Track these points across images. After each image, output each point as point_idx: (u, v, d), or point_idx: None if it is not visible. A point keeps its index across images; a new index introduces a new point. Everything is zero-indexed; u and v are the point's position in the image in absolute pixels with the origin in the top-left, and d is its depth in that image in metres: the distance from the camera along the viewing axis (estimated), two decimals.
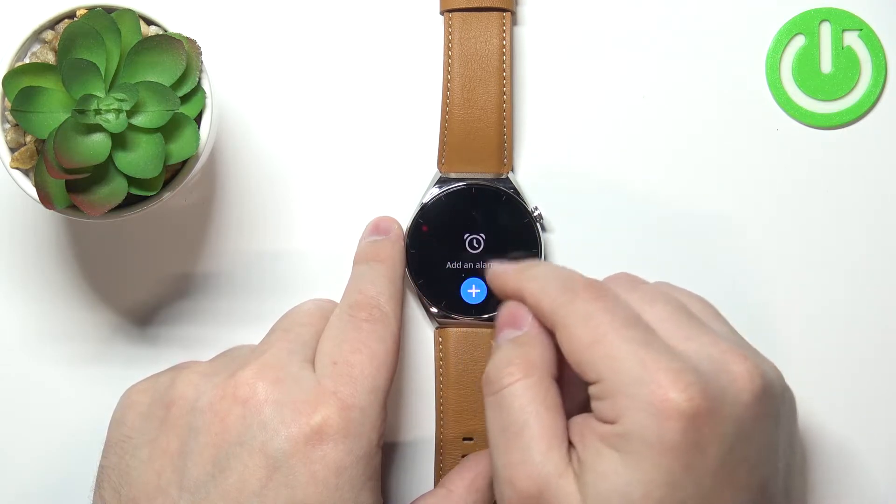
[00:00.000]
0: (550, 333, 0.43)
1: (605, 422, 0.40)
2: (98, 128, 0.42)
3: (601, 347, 0.40)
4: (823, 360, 0.50)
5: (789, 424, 0.43)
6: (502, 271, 0.45)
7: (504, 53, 0.50)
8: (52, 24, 0.44)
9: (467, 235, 0.50)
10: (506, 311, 0.44)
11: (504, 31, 0.50)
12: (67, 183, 0.42)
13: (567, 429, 0.41)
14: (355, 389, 0.42)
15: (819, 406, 0.50)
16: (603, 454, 0.39)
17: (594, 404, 0.40)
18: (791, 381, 0.43)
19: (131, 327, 0.51)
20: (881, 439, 0.50)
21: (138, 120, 0.42)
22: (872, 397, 0.50)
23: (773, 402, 0.41)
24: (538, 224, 0.50)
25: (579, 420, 0.41)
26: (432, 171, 0.50)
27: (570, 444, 0.41)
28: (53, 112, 0.42)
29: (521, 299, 0.44)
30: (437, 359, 0.50)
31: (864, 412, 0.50)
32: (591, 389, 0.40)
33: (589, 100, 0.51)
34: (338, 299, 0.46)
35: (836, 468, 0.50)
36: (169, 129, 0.42)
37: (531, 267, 0.44)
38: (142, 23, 0.44)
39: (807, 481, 0.50)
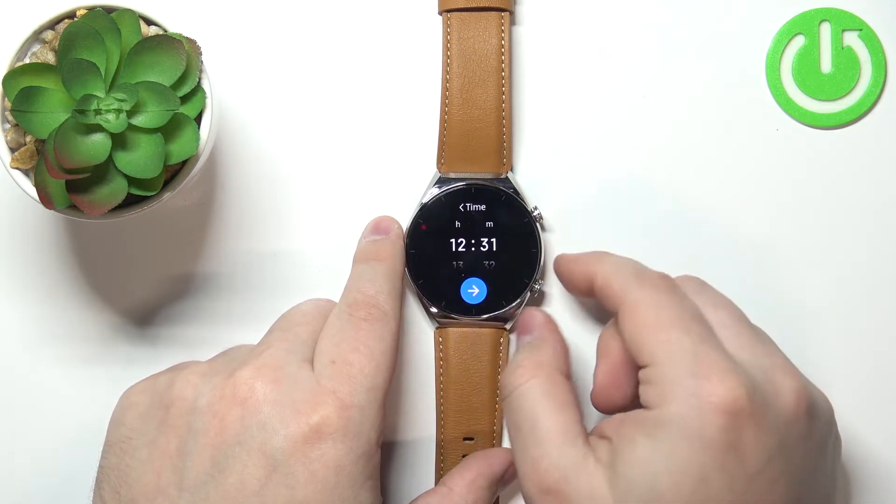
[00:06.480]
0: (560, 336, 0.45)
1: (649, 407, 0.40)
2: (98, 128, 0.42)
3: (662, 333, 0.41)
4: (823, 359, 0.50)
5: (834, 460, 0.43)
6: (574, 257, 0.47)
7: (503, 53, 0.50)
8: (52, 24, 0.44)
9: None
10: (520, 320, 0.46)
11: (503, 30, 0.50)
12: (67, 183, 0.42)
13: (581, 423, 0.42)
14: (354, 388, 0.42)
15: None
16: (636, 442, 0.39)
17: (642, 388, 0.41)
18: None
19: (131, 327, 0.51)
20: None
21: (138, 120, 0.42)
22: (873, 399, 0.50)
23: (818, 425, 0.41)
24: (538, 224, 0.50)
25: (620, 415, 0.41)
26: (432, 171, 0.50)
27: (605, 437, 0.41)
28: (53, 112, 0.42)
29: (590, 281, 0.45)
30: (437, 359, 0.50)
31: (868, 409, 0.51)
32: (642, 373, 0.41)
33: (589, 99, 0.51)
34: (338, 299, 0.46)
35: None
36: (169, 129, 0.42)
37: (606, 254, 0.46)
38: (142, 23, 0.44)
39: None
